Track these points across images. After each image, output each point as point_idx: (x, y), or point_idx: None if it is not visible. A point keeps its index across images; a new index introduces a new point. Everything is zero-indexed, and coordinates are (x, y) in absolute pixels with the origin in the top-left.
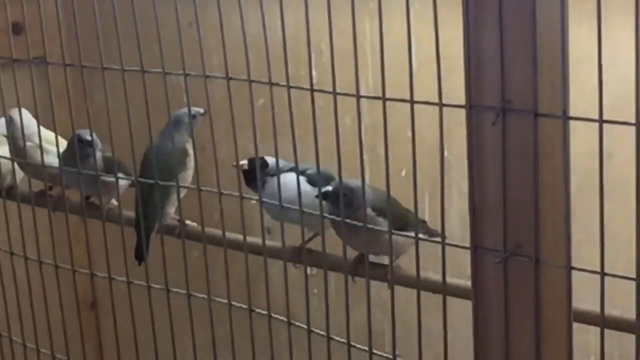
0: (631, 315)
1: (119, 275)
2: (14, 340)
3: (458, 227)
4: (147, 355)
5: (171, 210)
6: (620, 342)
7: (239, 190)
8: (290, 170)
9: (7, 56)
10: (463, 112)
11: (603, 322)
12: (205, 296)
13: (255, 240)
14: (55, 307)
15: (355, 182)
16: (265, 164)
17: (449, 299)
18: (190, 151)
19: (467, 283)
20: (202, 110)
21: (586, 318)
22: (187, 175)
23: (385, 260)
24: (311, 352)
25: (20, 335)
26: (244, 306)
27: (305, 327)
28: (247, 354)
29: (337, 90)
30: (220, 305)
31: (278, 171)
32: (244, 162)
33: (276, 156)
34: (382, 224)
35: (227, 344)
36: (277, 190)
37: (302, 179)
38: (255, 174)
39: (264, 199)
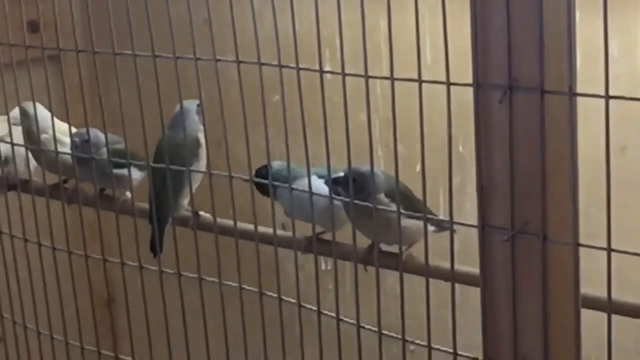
0: None
1: (133, 270)
2: (27, 327)
3: (472, 221)
4: (160, 342)
5: (184, 201)
6: (635, 335)
7: (249, 174)
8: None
9: (22, 53)
10: None
11: (610, 299)
12: (216, 280)
13: (267, 230)
14: (70, 299)
15: (367, 168)
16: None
17: (475, 292)
18: (202, 141)
19: (478, 270)
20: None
21: (596, 304)
22: (200, 166)
23: (398, 249)
24: (321, 335)
25: (35, 324)
26: (255, 289)
27: (315, 309)
28: (258, 339)
29: (351, 86)
30: (232, 296)
31: (290, 178)
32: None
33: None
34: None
35: (239, 332)
36: (297, 194)
37: (320, 180)
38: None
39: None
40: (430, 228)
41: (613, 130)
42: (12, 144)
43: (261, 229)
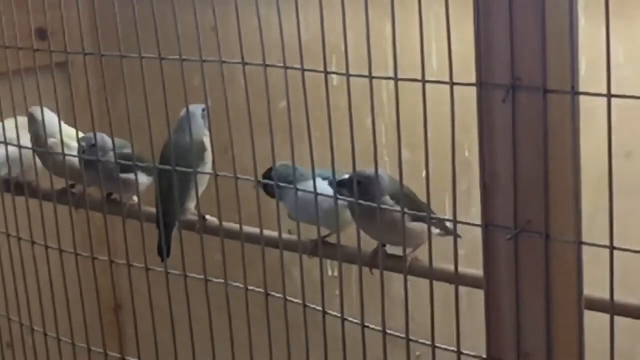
0: None
1: (140, 276)
2: (35, 329)
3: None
4: (167, 346)
5: (191, 205)
6: None
7: (255, 176)
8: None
9: (31, 61)
10: None
11: (612, 299)
12: (222, 281)
13: (273, 233)
14: (78, 306)
15: (372, 171)
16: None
17: (481, 297)
18: (208, 145)
19: (482, 273)
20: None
21: (599, 306)
22: (206, 170)
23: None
24: (326, 336)
25: (42, 326)
26: (260, 290)
27: (320, 309)
28: (264, 343)
29: (358, 93)
30: (238, 301)
31: (295, 179)
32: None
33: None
34: (399, 213)
35: (245, 337)
36: (301, 195)
37: (324, 182)
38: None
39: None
40: (436, 231)
41: (618, 136)
42: (20, 147)
43: (267, 232)
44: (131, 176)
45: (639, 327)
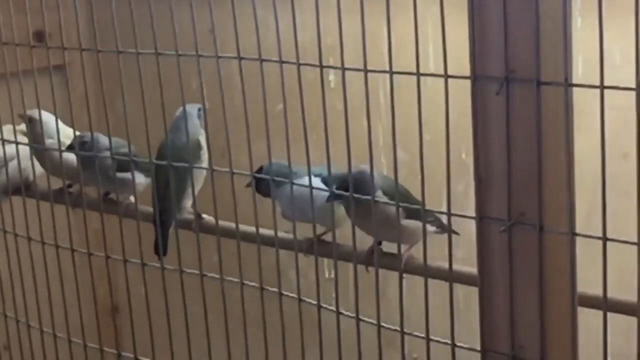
0: None
1: (137, 277)
2: (31, 325)
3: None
4: (163, 344)
5: (188, 203)
6: None
7: (250, 170)
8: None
9: (28, 63)
10: None
11: (605, 292)
12: (218, 276)
13: (269, 232)
14: (74, 307)
15: (365, 167)
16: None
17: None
18: (204, 144)
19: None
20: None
21: (592, 302)
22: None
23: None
24: (321, 333)
25: (38, 322)
26: (256, 284)
27: (315, 303)
28: (259, 340)
29: (355, 94)
30: (234, 301)
31: (291, 177)
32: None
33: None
34: (393, 209)
35: (241, 335)
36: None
37: (317, 179)
38: (264, 181)
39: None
40: (431, 229)
41: (615, 137)
42: (17, 143)
43: (263, 231)
44: (128, 175)
45: (634, 326)
